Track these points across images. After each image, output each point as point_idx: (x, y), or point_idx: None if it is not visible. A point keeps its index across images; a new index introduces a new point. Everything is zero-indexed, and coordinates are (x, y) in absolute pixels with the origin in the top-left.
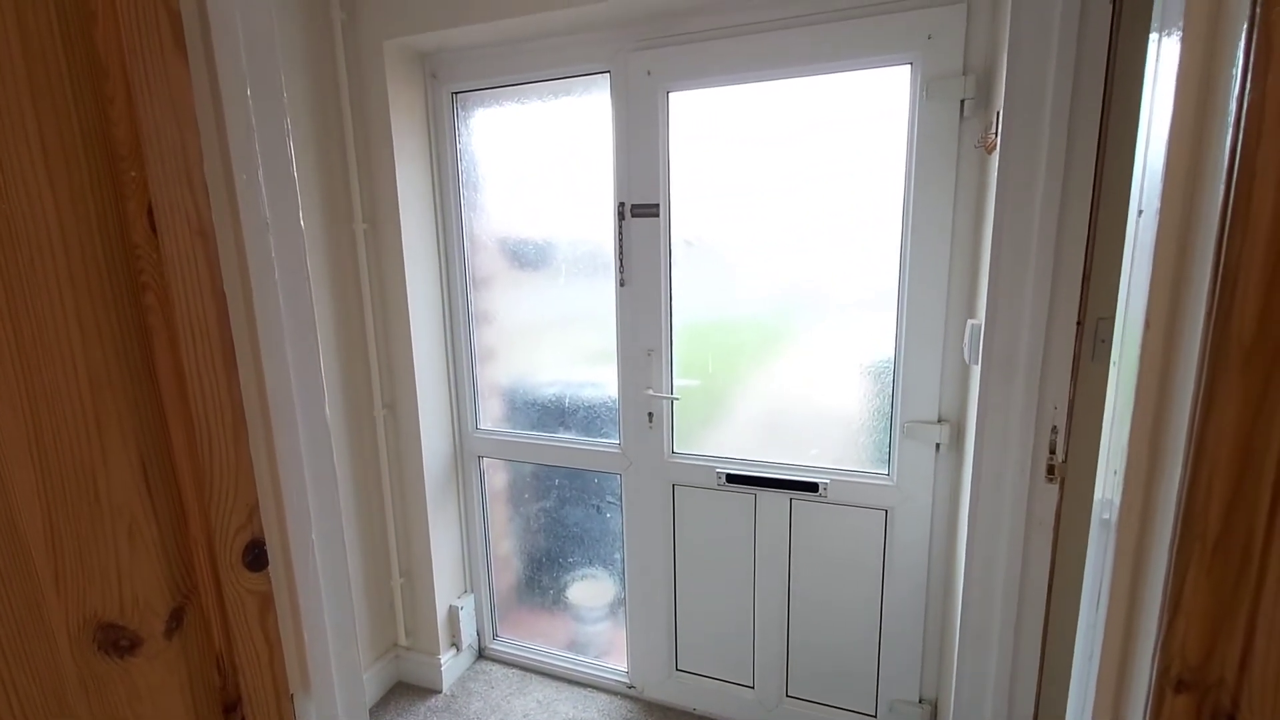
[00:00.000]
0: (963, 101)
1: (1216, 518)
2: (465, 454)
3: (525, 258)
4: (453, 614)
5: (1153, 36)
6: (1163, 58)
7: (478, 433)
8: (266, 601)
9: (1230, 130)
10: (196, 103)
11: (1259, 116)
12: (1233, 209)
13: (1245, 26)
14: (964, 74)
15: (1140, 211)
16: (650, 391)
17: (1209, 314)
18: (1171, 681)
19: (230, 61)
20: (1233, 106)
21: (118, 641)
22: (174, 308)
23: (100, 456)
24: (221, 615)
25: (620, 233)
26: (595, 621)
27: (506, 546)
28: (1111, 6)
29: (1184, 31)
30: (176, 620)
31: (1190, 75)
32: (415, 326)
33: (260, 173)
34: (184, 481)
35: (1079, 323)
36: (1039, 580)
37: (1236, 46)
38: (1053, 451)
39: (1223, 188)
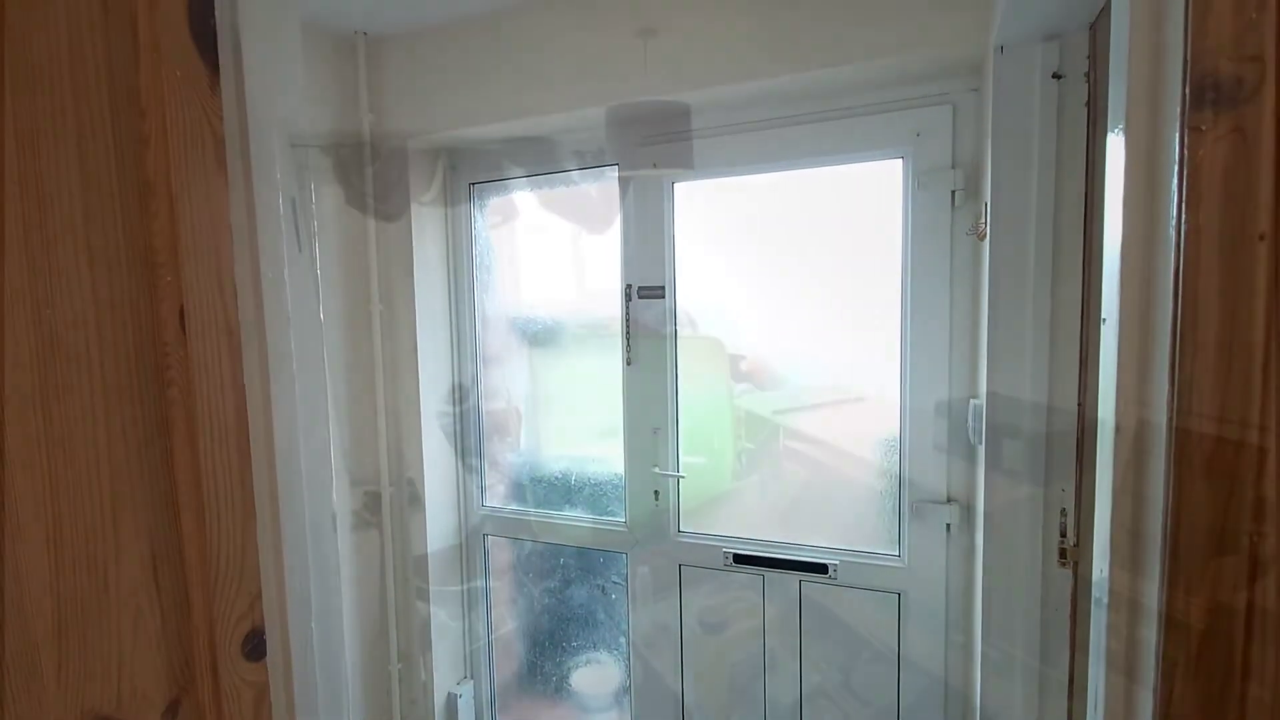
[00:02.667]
0: (953, 192)
1: (1198, 622)
2: (470, 532)
3: (534, 336)
4: (451, 702)
5: (1109, 148)
6: (1113, 173)
7: (483, 509)
8: (262, 693)
9: (1173, 253)
10: (232, 212)
11: (1196, 244)
12: (1182, 325)
13: (1176, 163)
14: (953, 167)
15: (1105, 319)
16: (657, 469)
17: (1170, 423)
18: None
19: (266, 174)
20: (1172, 234)
21: None
22: (195, 400)
23: (113, 549)
24: (216, 707)
25: (627, 313)
26: (599, 711)
27: (508, 629)
28: (1086, 111)
29: (1126, 154)
30: (172, 713)
31: (1135, 196)
32: (425, 404)
33: (286, 271)
34: (190, 570)
35: (1080, 404)
36: (1060, 670)
37: (1170, 178)
38: (1064, 535)
39: (1171, 305)
